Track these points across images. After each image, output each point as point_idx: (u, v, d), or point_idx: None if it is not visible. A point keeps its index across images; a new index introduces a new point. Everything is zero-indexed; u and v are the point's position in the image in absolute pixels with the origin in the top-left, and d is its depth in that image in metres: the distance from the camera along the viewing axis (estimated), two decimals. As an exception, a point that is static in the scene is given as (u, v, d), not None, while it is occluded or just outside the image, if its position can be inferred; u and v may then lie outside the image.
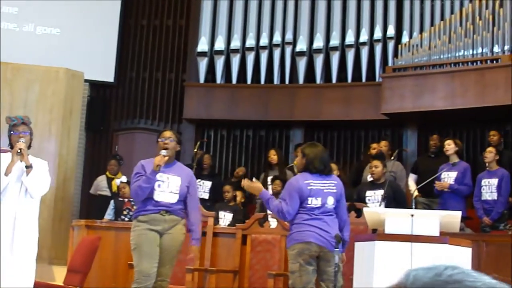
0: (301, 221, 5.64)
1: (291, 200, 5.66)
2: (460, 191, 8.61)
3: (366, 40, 10.98)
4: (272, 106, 11.21)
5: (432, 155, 9.48)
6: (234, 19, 11.67)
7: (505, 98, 9.43)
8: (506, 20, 9.78)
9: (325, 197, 5.66)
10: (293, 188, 5.70)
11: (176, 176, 5.94)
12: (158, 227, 5.85)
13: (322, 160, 5.76)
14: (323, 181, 5.72)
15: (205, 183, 9.97)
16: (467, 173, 8.67)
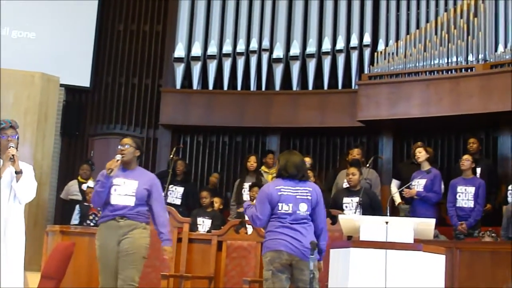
0: (273, 229, 5.62)
1: (261, 207, 5.64)
2: (428, 198, 8.68)
3: (342, 48, 11.04)
4: (249, 113, 11.23)
5: (415, 162, 9.54)
6: (211, 25, 11.68)
7: (479, 106, 9.53)
8: (480, 30, 9.88)
9: (297, 204, 5.62)
10: (263, 194, 5.69)
11: (133, 180, 5.97)
12: (114, 234, 5.89)
13: (295, 166, 5.73)
14: (296, 187, 5.69)
15: (177, 189, 9.96)
16: (436, 181, 8.74)
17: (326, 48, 11.12)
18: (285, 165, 5.74)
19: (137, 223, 5.93)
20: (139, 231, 5.92)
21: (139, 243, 5.91)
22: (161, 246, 6.10)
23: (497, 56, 9.73)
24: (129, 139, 6.14)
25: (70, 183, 10.67)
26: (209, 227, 9.11)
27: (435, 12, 10.60)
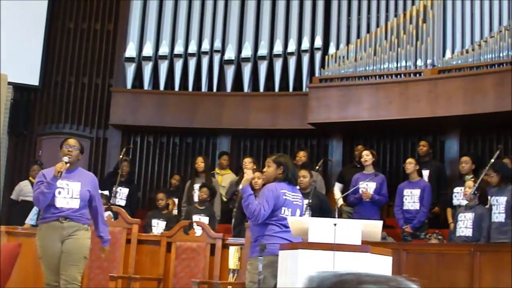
0: (272, 233, 5.64)
1: (268, 205, 5.62)
2: (379, 202, 8.83)
3: (294, 50, 11.11)
4: (200, 114, 11.21)
5: (358, 165, 9.66)
6: (163, 26, 11.63)
7: (427, 110, 9.68)
8: (429, 35, 10.05)
9: (295, 209, 5.73)
10: (273, 194, 5.67)
11: (76, 182, 6.03)
12: (57, 235, 5.96)
13: (294, 171, 5.91)
14: (293, 193, 5.78)
15: (122, 190, 9.91)
16: (384, 184, 8.91)
17: (277, 50, 11.18)
18: (294, 171, 5.80)
19: (80, 225, 6.03)
20: (82, 232, 6.03)
21: (82, 244, 6.02)
22: (100, 246, 6.31)
23: (444, 62, 9.91)
24: (75, 141, 6.20)
25: (22, 183, 10.50)
26: (164, 229, 9.07)
27: (385, 17, 10.73)
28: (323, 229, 5.15)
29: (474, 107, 9.43)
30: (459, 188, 8.61)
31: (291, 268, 5.14)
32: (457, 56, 9.86)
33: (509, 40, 9.44)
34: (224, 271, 7.88)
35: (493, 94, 9.30)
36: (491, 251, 7.08)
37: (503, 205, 7.42)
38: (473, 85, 9.45)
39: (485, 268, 6.91)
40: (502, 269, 6.83)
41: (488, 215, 7.55)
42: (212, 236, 8.01)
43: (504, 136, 10.03)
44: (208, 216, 8.85)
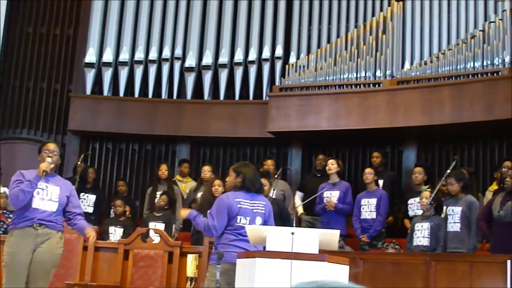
0: (228, 242, 5.63)
1: (219, 216, 5.63)
2: (344, 210, 8.89)
3: (254, 59, 11.14)
4: (159, 121, 11.17)
5: (318, 174, 9.72)
6: (123, 32, 11.57)
7: (385, 121, 9.79)
8: (388, 46, 10.17)
9: (254, 218, 5.69)
10: (223, 204, 5.67)
11: (55, 186, 5.89)
12: (30, 242, 5.72)
13: (257, 180, 5.84)
14: (253, 201, 5.74)
15: (89, 197, 9.83)
16: (348, 193, 8.97)
17: (238, 58, 11.20)
18: (251, 179, 5.76)
19: (54, 232, 5.82)
20: (55, 241, 5.82)
21: (54, 253, 5.82)
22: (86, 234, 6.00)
23: (403, 73, 10.03)
24: (55, 146, 6.04)
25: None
26: (121, 236, 9.01)
27: (346, 28, 10.83)
28: (281, 237, 5.16)
29: (431, 118, 9.55)
30: (414, 199, 8.71)
31: (249, 277, 5.13)
32: (416, 68, 9.99)
33: (466, 53, 9.60)
34: (182, 279, 7.85)
35: (450, 105, 9.44)
36: (446, 261, 7.17)
37: (459, 215, 7.53)
38: (431, 97, 9.59)
39: (440, 277, 6.99)
40: (457, 278, 6.92)
41: (444, 224, 7.65)
42: (170, 244, 7.98)
43: (460, 147, 10.18)
44: (164, 223, 8.81)
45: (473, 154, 10.11)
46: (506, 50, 9.35)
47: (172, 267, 7.89)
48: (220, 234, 5.71)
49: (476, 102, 9.28)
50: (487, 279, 6.76)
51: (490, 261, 6.90)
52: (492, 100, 9.15)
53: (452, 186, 7.69)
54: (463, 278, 6.86)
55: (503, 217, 7.09)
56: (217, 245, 5.70)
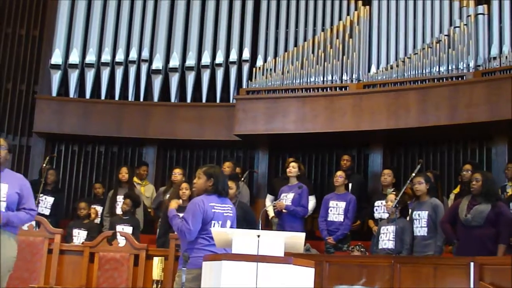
0: (200, 247, 5.60)
1: (195, 220, 5.59)
2: (296, 212, 8.89)
3: (221, 62, 11.14)
4: (126, 123, 11.11)
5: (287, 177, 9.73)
6: (90, 33, 11.49)
7: (352, 124, 9.84)
8: (355, 50, 10.24)
9: (225, 221, 5.70)
10: (198, 208, 5.64)
11: (3, 183, 5.65)
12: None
13: (226, 183, 5.85)
14: (223, 204, 5.74)
15: (47, 199, 9.75)
16: (304, 195, 8.96)
17: (205, 61, 11.19)
18: (223, 183, 5.75)
19: (5, 234, 5.58)
20: (8, 243, 5.58)
21: (7, 256, 5.58)
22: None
23: (369, 77, 10.11)
24: (3, 140, 5.87)
25: None
26: (85, 239, 8.94)
27: (313, 31, 10.89)
28: (246, 240, 5.17)
29: (397, 122, 9.64)
30: (380, 202, 8.77)
31: (215, 279, 5.13)
32: (382, 72, 10.08)
33: (432, 57, 9.71)
34: (147, 282, 7.82)
35: (416, 109, 9.53)
36: (411, 263, 7.22)
37: (425, 219, 7.59)
38: (397, 101, 9.67)
39: (405, 279, 7.05)
40: (421, 280, 6.97)
41: (409, 227, 7.71)
42: (136, 246, 7.94)
43: (425, 151, 10.29)
44: (131, 226, 8.77)
45: (437, 158, 10.22)
46: (470, 55, 9.48)
47: (138, 270, 7.85)
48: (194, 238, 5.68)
49: (441, 106, 9.38)
50: (451, 282, 6.83)
51: (454, 263, 6.97)
52: (456, 104, 9.25)
53: (420, 186, 7.74)
54: (427, 281, 6.92)
55: (470, 220, 7.17)
56: (188, 249, 5.66)
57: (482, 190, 7.24)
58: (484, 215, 7.12)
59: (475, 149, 9.98)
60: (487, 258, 6.78)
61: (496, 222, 7.11)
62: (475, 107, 9.09)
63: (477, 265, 6.60)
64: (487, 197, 7.21)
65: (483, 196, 7.23)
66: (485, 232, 7.10)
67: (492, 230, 7.11)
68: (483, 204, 7.19)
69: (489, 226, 7.11)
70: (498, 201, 7.32)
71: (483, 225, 7.11)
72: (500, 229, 7.10)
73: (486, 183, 7.28)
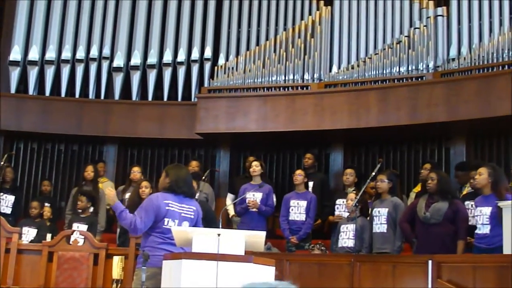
0: (155, 245, 5.57)
1: (146, 216, 5.56)
2: (265, 212, 8.93)
3: (183, 60, 11.10)
4: (86, 121, 11.01)
5: (248, 176, 9.75)
6: (50, 30, 11.36)
7: (313, 123, 9.89)
8: (316, 50, 10.29)
9: (181, 221, 5.64)
10: (151, 204, 5.62)
11: None
12: None
13: (185, 182, 5.74)
14: (182, 204, 5.69)
15: (8, 197, 9.62)
16: (270, 195, 9.02)
17: (167, 59, 11.14)
18: (177, 181, 5.70)
19: None
20: None
21: None
22: None
23: (331, 76, 10.17)
24: None
25: None
26: (34, 237, 8.85)
27: (275, 31, 10.91)
28: (207, 239, 5.17)
29: (358, 122, 9.71)
30: (341, 200, 8.83)
31: (175, 278, 5.12)
32: (343, 72, 10.14)
33: (392, 58, 9.80)
34: (107, 281, 7.77)
35: (377, 109, 9.61)
36: (370, 261, 7.30)
37: (385, 216, 7.68)
38: (358, 100, 9.74)
39: (364, 277, 7.11)
40: (380, 278, 7.04)
41: (369, 226, 7.78)
42: (95, 245, 7.88)
43: (386, 150, 10.38)
44: (87, 225, 8.68)
45: (397, 157, 10.32)
46: (430, 56, 9.59)
47: (97, 269, 7.80)
48: (147, 236, 5.66)
49: (401, 106, 9.47)
50: (410, 279, 6.91)
51: (412, 261, 7.05)
52: (416, 104, 9.35)
53: (382, 184, 7.82)
54: (386, 279, 6.99)
55: (429, 218, 7.26)
56: (144, 247, 5.65)
57: (438, 188, 7.36)
58: (442, 213, 7.23)
59: (434, 149, 10.10)
60: (445, 256, 6.88)
61: (454, 219, 7.23)
62: (434, 107, 9.20)
63: (435, 263, 6.69)
64: (443, 195, 7.32)
65: (439, 194, 7.34)
66: (443, 229, 7.20)
67: (450, 227, 7.22)
68: (441, 202, 7.30)
69: (447, 223, 7.22)
70: (454, 199, 7.44)
71: (441, 222, 7.22)
72: (458, 226, 7.21)
73: (441, 181, 7.40)
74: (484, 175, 7.09)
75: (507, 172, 8.63)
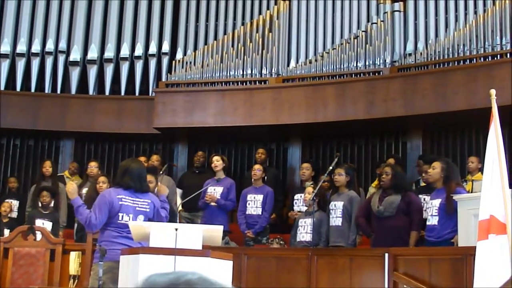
0: (111, 239, 5.54)
1: (100, 212, 5.54)
2: (225, 206, 8.92)
3: (141, 54, 11.04)
4: (42, 115, 10.87)
5: (197, 171, 9.74)
6: (4, 23, 11.18)
7: (271, 118, 9.92)
8: (274, 45, 10.31)
9: (136, 215, 5.61)
10: (104, 200, 5.60)
11: None
12: None
13: (137, 176, 5.69)
14: (136, 198, 5.66)
15: None
16: (232, 189, 9.00)
17: (124, 53, 11.06)
18: (123, 175, 5.67)
19: None
20: None
21: None
22: None
23: (289, 71, 10.20)
24: None
25: None
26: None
27: (233, 25, 10.90)
28: (164, 233, 5.15)
29: (316, 116, 9.76)
30: (299, 195, 8.87)
31: (132, 273, 5.10)
32: (301, 66, 10.18)
33: (349, 52, 9.86)
34: (64, 277, 7.70)
35: (334, 103, 9.67)
36: (327, 255, 7.35)
37: (341, 210, 7.73)
38: (315, 95, 9.79)
39: (321, 271, 7.16)
40: (338, 271, 7.10)
41: (326, 220, 7.83)
42: (52, 241, 7.80)
43: (344, 144, 10.46)
44: (52, 221, 8.60)
45: (355, 151, 10.41)
46: (387, 51, 9.68)
47: (54, 265, 7.72)
48: (103, 231, 5.64)
49: (358, 100, 9.55)
50: (366, 272, 6.98)
51: (369, 254, 7.13)
52: (373, 99, 9.44)
53: (340, 177, 7.87)
54: (343, 272, 7.05)
55: (382, 211, 7.34)
56: (101, 242, 5.63)
57: (391, 183, 7.44)
58: (395, 205, 7.31)
59: (391, 143, 10.20)
60: (401, 249, 6.96)
61: (408, 211, 7.32)
62: (391, 102, 9.30)
63: (391, 256, 6.76)
64: (397, 189, 7.40)
65: (392, 188, 7.42)
66: (397, 222, 7.28)
67: (404, 220, 7.30)
68: (394, 195, 7.38)
69: (401, 216, 7.30)
70: (407, 192, 7.53)
71: (395, 215, 7.30)
72: (411, 217, 7.30)
73: (396, 176, 7.48)
74: (437, 169, 7.19)
75: (463, 165, 8.78)
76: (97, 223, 5.57)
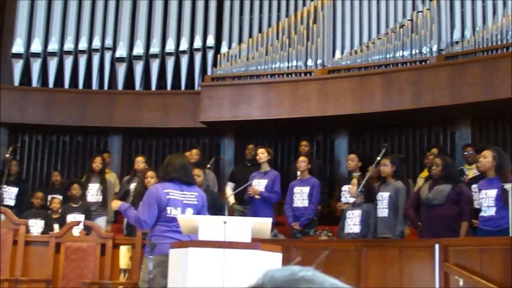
0: (160, 233, 5.59)
1: (149, 209, 5.59)
2: (270, 199, 8.88)
3: (186, 49, 11.09)
4: (90, 112, 11.02)
5: (248, 164, 9.73)
6: (52, 21, 11.36)
7: (317, 109, 9.87)
8: (319, 36, 10.25)
9: (184, 209, 5.64)
10: (152, 196, 5.63)
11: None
12: None
13: (177, 169, 5.73)
14: (183, 192, 5.69)
15: (11, 190, 9.63)
16: (276, 181, 8.96)
17: (169, 48, 11.13)
18: (166, 168, 5.71)
19: None
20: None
21: None
22: None
23: (334, 62, 10.14)
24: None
25: None
26: (43, 228, 8.86)
27: (277, 17, 10.88)
28: (213, 227, 5.16)
29: (362, 107, 9.69)
30: (347, 186, 8.80)
31: (181, 267, 5.13)
32: (346, 57, 10.11)
33: (395, 42, 9.76)
34: (115, 271, 7.78)
35: (380, 94, 9.58)
36: (377, 246, 7.29)
37: (387, 200, 7.65)
38: (361, 85, 9.71)
39: (371, 262, 7.11)
40: (387, 263, 7.04)
41: (374, 211, 7.77)
42: (102, 235, 7.89)
43: (390, 135, 10.36)
44: (83, 213, 8.68)
45: (403, 141, 10.30)
46: (433, 39, 9.55)
47: (105, 259, 7.80)
48: (153, 226, 5.69)
49: (405, 90, 9.44)
50: (416, 263, 6.90)
51: (419, 245, 7.05)
52: (420, 88, 9.32)
53: (385, 168, 7.79)
54: (393, 263, 6.98)
55: (432, 199, 7.25)
56: (151, 236, 5.68)
57: (442, 174, 7.34)
58: (445, 194, 7.21)
59: (439, 133, 10.08)
60: (451, 240, 6.86)
61: (458, 201, 7.21)
62: (439, 91, 9.18)
63: (442, 246, 6.67)
64: (447, 180, 7.30)
65: (443, 179, 7.32)
66: (447, 211, 7.18)
67: (454, 209, 7.19)
68: (444, 184, 7.28)
69: (451, 205, 7.19)
70: (459, 183, 7.43)
71: (444, 203, 7.19)
72: (461, 207, 7.20)
73: (446, 167, 7.37)
74: (489, 158, 7.06)
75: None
76: (146, 219, 5.60)
